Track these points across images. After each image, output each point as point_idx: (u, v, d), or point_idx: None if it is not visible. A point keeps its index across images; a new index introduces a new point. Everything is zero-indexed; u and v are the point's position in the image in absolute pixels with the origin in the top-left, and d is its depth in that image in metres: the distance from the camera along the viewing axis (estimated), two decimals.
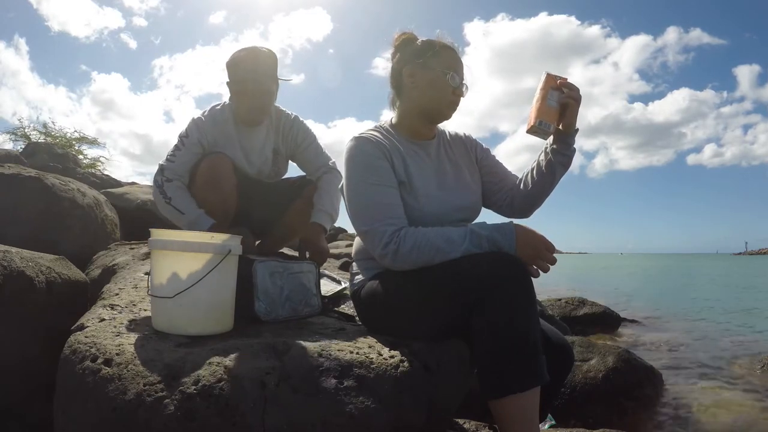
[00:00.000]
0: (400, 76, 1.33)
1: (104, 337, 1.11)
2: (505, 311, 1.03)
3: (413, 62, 1.31)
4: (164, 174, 1.74)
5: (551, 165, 1.35)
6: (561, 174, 1.38)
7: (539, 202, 1.42)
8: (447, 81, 1.28)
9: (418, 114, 1.33)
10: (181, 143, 1.76)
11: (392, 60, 1.36)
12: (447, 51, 1.31)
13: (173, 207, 1.70)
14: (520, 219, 1.41)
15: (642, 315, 6.06)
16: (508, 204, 1.44)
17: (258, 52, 1.76)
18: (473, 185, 1.42)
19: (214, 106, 1.84)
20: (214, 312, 1.21)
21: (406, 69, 1.31)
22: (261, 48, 1.77)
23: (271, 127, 1.89)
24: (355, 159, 1.25)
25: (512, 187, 1.44)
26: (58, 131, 11.44)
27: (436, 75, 1.29)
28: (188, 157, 1.76)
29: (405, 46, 1.33)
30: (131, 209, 4.19)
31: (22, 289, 1.54)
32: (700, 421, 2.28)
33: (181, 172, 1.75)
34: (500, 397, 1.03)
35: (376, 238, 1.18)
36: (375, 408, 1.02)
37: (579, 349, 2.44)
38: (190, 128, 1.78)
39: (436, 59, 1.29)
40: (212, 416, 0.92)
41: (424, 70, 1.29)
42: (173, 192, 1.72)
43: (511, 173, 1.48)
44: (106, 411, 0.94)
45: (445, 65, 1.29)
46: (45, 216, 2.60)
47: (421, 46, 1.31)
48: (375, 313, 1.30)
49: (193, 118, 1.81)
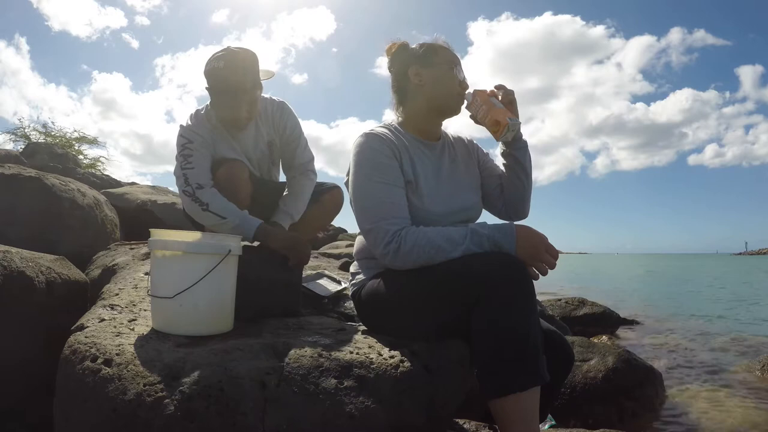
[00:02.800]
0: (404, 78, 1.35)
1: (104, 337, 1.11)
2: (506, 311, 1.03)
3: (417, 63, 1.34)
4: (190, 182, 1.60)
5: (517, 160, 1.40)
6: (529, 163, 1.42)
7: (526, 198, 1.46)
8: (454, 74, 1.33)
9: (428, 111, 1.35)
10: (189, 150, 1.65)
11: (391, 67, 1.39)
12: (445, 49, 1.36)
13: (212, 213, 1.57)
14: (519, 221, 1.44)
15: (642, 315, 6.06)
16: (501, 208, 1.48)
17: (236, 58, 1.62)
18: (476, 186, 1.44)
19: (198, 111, 1.75)
20: (214, 312, 1.21)
21: (411, 70, 1.34)
22: (238, 51, 1.64)
23: (261, 120, 1.80)
24: (364, 155, 1.25)
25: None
26: (58, 131, 11.46)
27: (442, 71, 1.33)
28: (204, 160, 1.66)
29: (402, 52, 1.37)
30: (131, 209, 4.19)
31: (22, 289, 1.54)
32: (699, 421, 2.28)
33: (206, 177, 1.63)
34: (500, 397, 1.03)
35: (379, 236, 1.18)
36: (375, 408, 1.02)
37: (579, 349, 2.44)
38: (186, 135, 1.68)
39: (438, 57, 1.34)
40: (212, 416, 0.92)
41: (429, 68, 1.33)
42: (209, 198, 1.58)
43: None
44: (106, 411, 0.94)
45: (448, 61, 1.34)
46: (45, 216, 2.60)
47: (421, 48, 1.35)
48: (375, 312, 1.30)
49: (181, 125, 1.71)
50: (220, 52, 1.64)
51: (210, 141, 1.71)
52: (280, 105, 1.83)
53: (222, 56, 1.62)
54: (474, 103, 1.34)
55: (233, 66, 1.61)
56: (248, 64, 1.64)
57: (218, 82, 1.62)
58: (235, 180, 1.65)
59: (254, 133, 1.81)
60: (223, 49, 1.65)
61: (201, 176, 1.62)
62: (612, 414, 2.20)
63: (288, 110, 1.84)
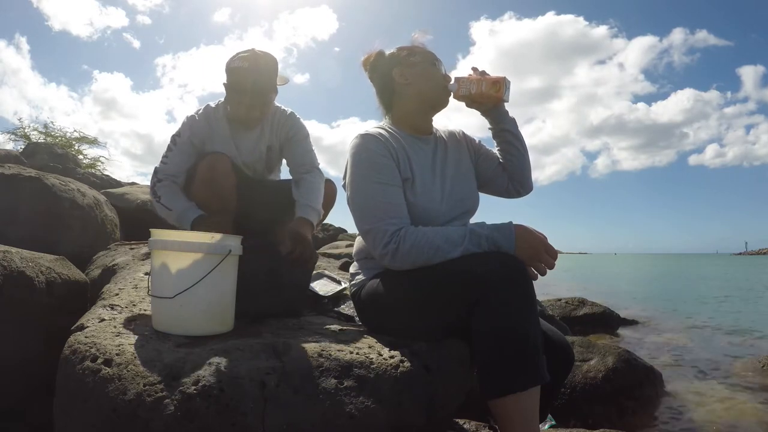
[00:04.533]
0: (390, 81, 1.38)
1: (104, 337, 1.11)
2: (505, 311, 1.03)
3: (399, 64, 1.37)
4: (157, 176, 1.76)
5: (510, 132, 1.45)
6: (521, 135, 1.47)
7: (527, 168, 1.49)
8: (437, 68, 1.37)
9: (419, 107, 1.38)
10: (173, 143, 1.78)
11: (372, 76, 1.42)
12: (423, 48, 1.40)
13: (162, 205, 1.73)
14: (525, 195, 1.53)
15: (642, 315, 6.06)
16: (508, 185, 1.50)
17: (259, 61, 1.71)
18: (470, 176, 1.46)
19: (209, 104, 1.84)
20: (214, 312, 1.21)
21: (395, 71, 1.37)
22: (262, 54, 1.73)
23: (266, 124, 1.88)
24: (360, 156, 1.25)
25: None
26: (58, 131, 11.46)
27: (424, 67, 1.37)
28: (180, 158, 1.78)
29: (381, 58, 1.41)
30: (131, 209, 4.19)
31: (22, 289, 1.54)
32: (699, 421, 2.28)
33: (173, 173, 1.77)
34: (500, 397, 1.03)
35: (378, 237, 1.18)
36: (375, 408, 1.02)
37: (579, 349, 2.44)
38: (182, 127, 1.79)
39: (418, 56, 1.38)
40: (212, 416, 0.92)
41: (412, 67, 1.36)
42: (163, 191, 1.74)
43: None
44: (106, 411, 0.94)
45: (429, 58, 1.38)
46: (45, 216, 2.60)
47: (399, 51, 1.39)
48: (375, 313, 1.31)
49: (187, 116, 1.82)
50: (245, 52, 1.73)
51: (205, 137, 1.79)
52: (289, 115, 1.91)
53: (247, 57, 1.71)
54: (462, 86, 1.37)
55: (256, 68, 1.70)
56: (270, 68, 1.74)
57: (240, 81, 1.71)
58: (216, 171, 1.72)
59: (257, 135, 1.87)
60: (248, 50, 1.74)
61: (168, 172, 1.76)
62: (612, 414, 2.20)
63: (296, 118, 1.92)
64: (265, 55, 1.74)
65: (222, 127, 1.81)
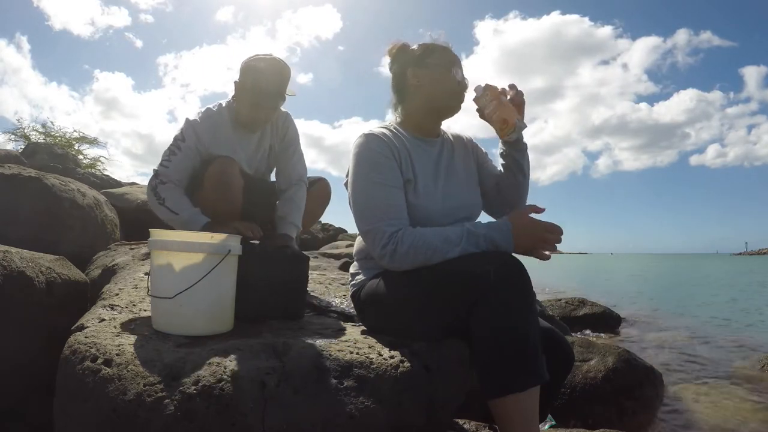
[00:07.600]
0: (403, 79, 1.36)
1: (104, 338, 1.11)
2: (505, 311, 1.04)
3: (414, 64, 1.34)
4: (159, 178, 1.74)
5: (516, 162, 1.41)
6: (528, 165, 1.43)
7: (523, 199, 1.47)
8: (451, 75, 1.33)
9: (427, 111, 1.36)
10: (176, 147, 1.75)
11: (392, 67, 1.40)
12: (444, 50, 1.36)
13: (167, 208, 1.69)
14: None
15: (642, 315, 6.07)
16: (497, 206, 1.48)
17: (279, 68, 1.76)
18: (474, 183, 1.45)
19: (209, 107, 1.83)
20: (214, 312, 1.21)
21: (410, 71, 1.35)
22: (279, 60, 1.77)
23: (267, 125, 1.90)
24: (363, 156, 1.25)
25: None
26: (57, 131, 11.45)
27: (440, 72, 1.33)
28: (185, 162, 1.75)
29: (402, 53, 1.38)
30: (131, 209, 4.19)
31: (22, 289, 1.54)
32: (700, 420, 2.28)
33: (176, 177, 1.74)
34: (500, 397, 1.03)
35: (377, 238, 1.18)
36: (375, 408, 1.02)
37: (579, 349, 2.44)
38: (186, 132, 1.76)
39: (436, 58, 1.34)
40: (212, 416, 0.92)
41: (427, 69, 1.34)
42: (167, 193, 1.71)
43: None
44: (106, 411, 0.94)
45: (446, 62, 1.34)
46: (45, 216, 2.60)
47: (420, 49, 1.36)
48: (375, 313, 1.30)
49: (187, 119, 1.79)
50: (266, 55, 1.78)
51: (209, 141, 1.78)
52: (285, 113, 1.95)
53: (266, 59, 1.76)
54: (484, 96, 1.34)
55: (273, 72, 1.75)
56: (285, 75, 1.79)
57: (255, 81, 1.74)
58: (227, 175, 1.71)
59: (259, 136, 1.90)
60: (267, 54, 1.79)
61: (171, 176, 1.73)
62: (612, 414, 2.19)
63: (290, 119, 1.96)
64: (283, 62, 1.79)
65: (226, 130, 1.81)
